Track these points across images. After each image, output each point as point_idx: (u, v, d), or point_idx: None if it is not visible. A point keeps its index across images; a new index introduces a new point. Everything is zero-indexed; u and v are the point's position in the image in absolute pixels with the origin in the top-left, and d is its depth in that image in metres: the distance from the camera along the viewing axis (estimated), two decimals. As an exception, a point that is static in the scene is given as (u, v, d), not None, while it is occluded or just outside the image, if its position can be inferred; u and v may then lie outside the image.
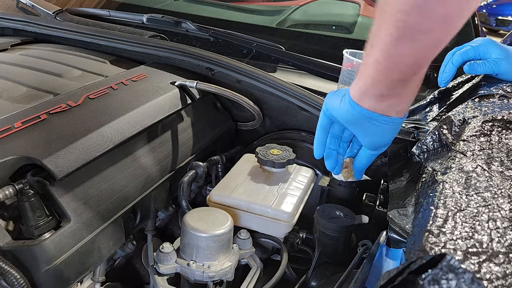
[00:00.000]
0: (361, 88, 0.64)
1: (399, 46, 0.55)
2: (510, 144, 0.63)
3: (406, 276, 0.37)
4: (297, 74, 1.14)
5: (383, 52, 0.56)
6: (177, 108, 0.96)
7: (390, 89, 0.61)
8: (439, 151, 0.71)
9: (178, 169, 0.92)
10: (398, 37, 0.54)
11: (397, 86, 0.61)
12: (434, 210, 0.49)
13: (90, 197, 0.69)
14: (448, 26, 0.53)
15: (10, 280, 0.56)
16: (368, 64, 0.60)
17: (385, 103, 0.64)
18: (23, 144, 0.65)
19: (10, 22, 1.29)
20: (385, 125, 0.66)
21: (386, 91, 0.62)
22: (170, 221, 1.02)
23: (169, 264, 0.75)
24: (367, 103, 0.64)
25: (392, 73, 0.59)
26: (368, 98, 0.64)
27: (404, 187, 0.72)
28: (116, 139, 0.77)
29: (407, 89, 0.63)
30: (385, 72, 0.59)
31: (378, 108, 0.64)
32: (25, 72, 0.95)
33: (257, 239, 0.86)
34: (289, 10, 1.47)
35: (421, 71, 0.61)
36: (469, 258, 0.40)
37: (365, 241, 0.75)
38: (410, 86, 0.62)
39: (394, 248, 0.60)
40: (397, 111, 0.65)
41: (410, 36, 0.53)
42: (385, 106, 0.64)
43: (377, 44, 0.57)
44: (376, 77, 0.60)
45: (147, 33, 1.19)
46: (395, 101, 0.64)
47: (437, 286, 0.34)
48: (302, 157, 1.02)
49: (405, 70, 0.58)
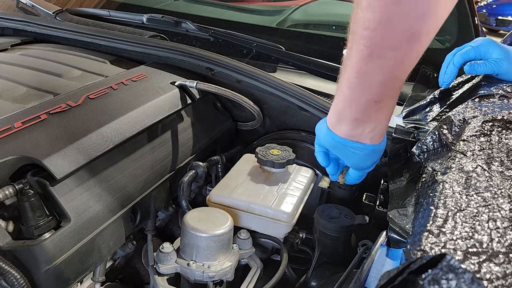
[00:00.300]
0: (336, 113, 0.65)
1: (368, 63, 0.56)
2: (510, 144, 0.63)
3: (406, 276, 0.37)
4: (297, 74, 1.14)
5: (354, 71, 0.57)
6: (177, 108, 0.96)
7: (363, 111, 0.62)
8: (439, 151, 0.71)
9: (178, 169, 0.92)
10: (368, 54, 0.55)
11: (371, 109, 0.62)
12: (434, 210, 0.49)
13: (90, 197, 0.69)
14: (414, 43, 0.53)
15: (10, 280, 0.56)
16: (342, 87, 0.61)
17: (359, 129, 0.65)
18: (23, 144, 0.65)
19: (10, 22, 1.29)
20: (360, 151, 0.68)
21: (359, 114, 0.63)
22: (170, 221, 1.02)
23: (169, 264, 0.75)
24: (343, 130, 0.66)
25: (364, 92, 0.60)
26: (343, 123, 0.65)
27: (404, 187, 0.72)
28: (116, 139, 0.77)
29: (380, 113, 0.63)
30: (357, 91, 0.60)
31: (352, 134, 0.65)
32: (25, 72, 0.95)
33: (257, 239, 0.86)
34: (289, 10, 1.47)
35: (392, 92, 0.61)
36: (469, 258, 0.40)
37: (365, 241, 0.75)
38: (383, 110, 0.63)
39: (394, 248, 0.60)
40: (371, 137, 0.66)
41: (378, 52, 0.54)
42: (359, 132, 0.65)
43: (348, 64, 0.58)
44: (349, 97, 0.61)
45: (147, 33, 1.19)
46: (369, 126, 0.64)
47: (437, 286, 0.34)
48: (302, 157, 1.02)
49: (375, 89, 0.59)
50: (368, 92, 0.59)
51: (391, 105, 0.64)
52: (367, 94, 0.60)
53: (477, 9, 1.43)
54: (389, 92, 0.60)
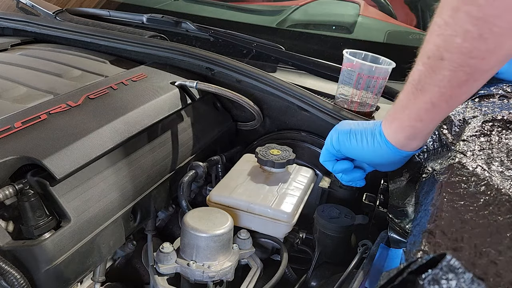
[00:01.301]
0: (409, 135, 0.64)
1: (462, 87, 0.54)
2: (510, 144, 0.63)
3: (406, 276, 0.37)
4: (297, 74, 1.14)
5: (443, 95, 0.55)
6: (177, 108, 0.96)
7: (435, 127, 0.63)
8: (439, 151, 0.71)
9: (178, 169, 0.92)
10: (464, 80, 0.53)
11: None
12: (434, 210, 0.49)
13: (90, 197, 0.69)
14: (504, 62, 0.53)
15: (10, 280, 0.56)
16: (419, 109, 0.59)
17: (423, 142, 0.66)
18: (23, 144, 0.65)
19: (10, 22, 1.29)
20: (407, 159, 0.68)
21: (432, 130, 0.64)
22: (170, 221, 1.02)
23: (169, 264, 0.75)
24: (410, 146, 0.65)
25: (448, 112, 0.60)
26: (415, 140, 0.64)
27: (404, 187, 0.72)
28: (116, 139, 0.77)
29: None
30: (442, 114, 0.59)
31: (414, 147, 0.66)
32: (25, 72, 0.95)
33: (257, 239, 0.86)
34: (289, 10, 1.47)
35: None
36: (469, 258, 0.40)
37: (365, 241, 0.75)
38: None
39: (394, 248, 0.60)
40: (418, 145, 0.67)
41: (476, 77, 0.53)
42: (422, 144, 0.66)
43: (432, 89, 0.56)
44: (432, 119, 0.60)
45: (147, 33, 1.19)
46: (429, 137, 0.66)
47: (437, 286, 0.34)
48: (302, 157, 1.02)
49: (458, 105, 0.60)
50: (450, 111, 0.60)
51: None
52: (448, 112, 0.60)
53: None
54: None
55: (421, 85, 0.56)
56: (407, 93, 0.59)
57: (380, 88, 0.93)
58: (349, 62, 0.92)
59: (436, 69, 0.53)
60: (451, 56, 0.51)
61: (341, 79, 0.95)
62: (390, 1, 1.54)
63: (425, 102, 0.57)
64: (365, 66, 0.90)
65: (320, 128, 1.06)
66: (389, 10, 1.54)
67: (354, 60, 0.90)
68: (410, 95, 0.58)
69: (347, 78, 0.93)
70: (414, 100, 0.58)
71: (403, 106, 0.61)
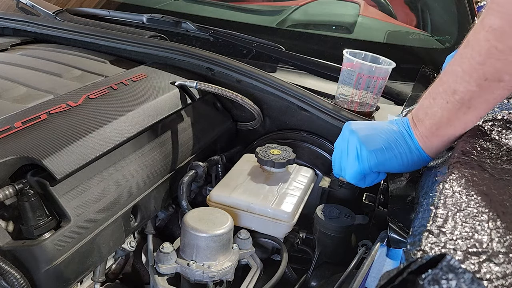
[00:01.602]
0: (447, 144, 0.65)
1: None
2: (510, 144, 0.63)
3: (406, 276, 0.37)
4: (297, 74, 1.14)
5: (488, 109, 0.59)
6: (177, 108, 0.96)
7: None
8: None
9: (178, 169, 0.92)
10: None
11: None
12: (434, 210, 0.49)
13: (90, 197, 0.69)
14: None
15: (10, 280, 0.56)
16: (466, 123, 0.61)
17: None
18: (23, 144, 0.65)
19: (10, 22, 1.28)
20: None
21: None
22: (170, 221, 1.02)
23: (169, 264, 0.75)
24: (436, 149, 0.66)
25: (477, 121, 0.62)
26: (442, 145, 0.65)
27: (404, 187, 0.72)
28: (116, 139, 0.77)
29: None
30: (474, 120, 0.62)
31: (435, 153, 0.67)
32: (25, 72, 0.95)
33: (257, 239, 0.86)
34: (289, 10, 1.47)
35: None
36: (469, 258, 0.40)
37: (365, 241, 0.75)
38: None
39: (394, 248, 0.60)
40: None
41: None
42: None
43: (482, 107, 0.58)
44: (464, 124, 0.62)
45: (147, 33, 1.19)
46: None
47: (437, 286, 0.34)
48: (302, 157, 1.02)
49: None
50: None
51: None
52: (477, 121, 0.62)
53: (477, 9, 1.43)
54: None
55: (472, 103, 0.58)
56: (452, 110, 0.60)
57: (380, 88, 0.93)
58: (349, 62, 0.92)
59: (493, 90, 0.55)
60: (510, 78, 0.54)
61: (341, 79, 0.95)
62: (390, 1, 1.54)
63: (473, 118, 0.60)
64: (365, 66, 0.90)
65: (320, 128, 1.06)
66: (389, 10, 1.54)
67: (354, 60, 0.90)
68: (457, 113, 0.60)
69: (347, 78, 0.93)
70: (461, 117, 0.60)
71: (447, 122, 0.61)
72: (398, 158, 0.66)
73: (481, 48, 0.54)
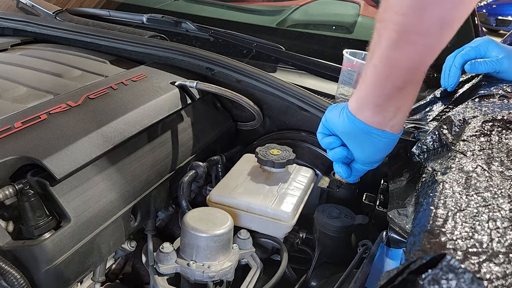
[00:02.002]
0: (359, 98, 0.65)
1: (396, 49, 0.56)
2: (510, 144, 0.63)
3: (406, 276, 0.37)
4: (297, 74, 1.14)
5: (381, 57, 0.58)
6: (177, 108, 0.96)
7: (387, 98, 0.62)
8: (439, 151, 0.71)
9: (178, 169, 0.92)
10: (396, 40, 0.55)
11: (395, 95, 0.62)
12: (434, 210, 0.49)
13: (90, 197, 0.69)
14: (445, 30, 0.54)
15: (10, 280, 0.56)
16: (367, 73, 0.61)
17: (380, 116, 0.65)
18: (23, 144, 0.65)
19: (10, 22, 1.29)
20: (378, 139, 0.67)
21: (383, 101, 0.63)
22: (170, 221, 1.02)
23: (169, 264, 0.75)
24: (364, 115, 0.65)
25: (389, 77, 0.60)
26: (365, 109, 0.65)
27: (404, 187, 0.72)
28: (116, 139, 0.77)
29: (403, 100, 0.64)
30: (382, 77, 0.60)
31: (374, 121, 0.65)
32: (25, 72, 0.95)
33: (257, 239, 0.86)
34: (289, 10, 1.47)
35: (417, 79, 0.62)
36: (469, 258, 0.40)
37: (365, 241, 0.75)
38: (406, 97, 0.63)
39: (394, 248, 0.60)
40: (391, 125, 0.66)
41: (407, 38, 0.55)
42: (380, 119, 0.65)
43: (376, 51, 0.58)
44: (374, 83, 0.62)
45: (147, 33, 1.19)
46: (391, 113, 0.65)
47: (437, 286, 0.34)
48: (302, 157, 1.02)
49: (401, 75, 0.59)
50: (394, 79, 0.60)
51: (415, 93, 0.64)
52: (392, 81, 0.60)
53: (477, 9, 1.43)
54: (414, 78, 0.61)
55: (371, 49, 0.59)
56: (366, 60, 0.62)
57: None
58: (349, 62, 0.92)
59: (381, 31, 0.57)
60: (385, 15, 0.55)
61: (341, 79, 0.95)
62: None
63: (371, 64, 0.60)
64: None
65: (320, 128, 1.06)
66: (389, 10, 1.53)
67: (354, 60, 0.90)
68: (367, 61, 0.61)
69: (347, 78, 0.93)
70: (366, 67, 0.61)
71: (361, 81, 0.64)
72: (336, 112, 0.70)
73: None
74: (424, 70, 0.60)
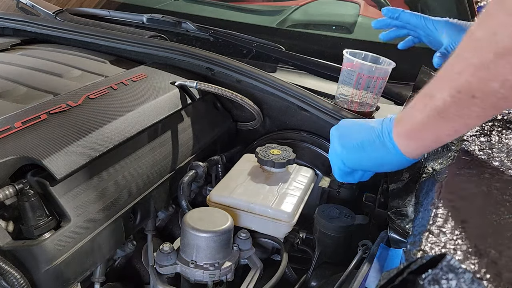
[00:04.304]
0: (425, 150, 0.62)
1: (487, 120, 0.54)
2: (510, 144, 0.63)
3: (406, 276, 0.37)
4: (297, 74, 1.14)
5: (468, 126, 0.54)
6: (177, 108, 0.96)
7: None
8: (439, 151, 0.71)
9: (178, 169, 0.92)
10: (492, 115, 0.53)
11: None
12: (434, 210, 0.49)
13: (90, 197, 0.69)
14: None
15: (10, 280, 0.56)
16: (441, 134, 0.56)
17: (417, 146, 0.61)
18: (23, 144, 0.65)
19: (10, 22, 1.28)
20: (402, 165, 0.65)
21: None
22: (170, 221, 1.02)
23: (169, 264, 0.75)
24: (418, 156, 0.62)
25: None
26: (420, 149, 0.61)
27: (404, 187, 0.72)
28: (116, 139, 0.77)
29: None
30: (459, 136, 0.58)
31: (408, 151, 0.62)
32: (25, 72, 0.95)
33: (257, 239, 0.86)
34: (289, 10, 1.47)
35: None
36: (469, 258, 0.40)
37: (365, 241, 0.75)
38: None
39: (394, 248, 0.60)
40: (417, 154, 0.63)
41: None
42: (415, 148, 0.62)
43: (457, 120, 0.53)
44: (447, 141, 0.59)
45: (147, 33, 1.19)
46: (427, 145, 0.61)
47: (437, 286, 0.34)
48: (302, 157, 1.02)
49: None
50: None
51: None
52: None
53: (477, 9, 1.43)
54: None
55: (446, 114, 0.54)
56: (428, 115, 0.55)
57: (380, 88, 0.93)
58: (349, 62, 0.92)
59: (466, 105, 0.51)
60: (484, 97, 0.49)
61: (341, 79, 0.95)
62: (390, 1, 1.54)
63: (448, 129, 0.55)
64: (365, 66, 0.90)
65: (320, 128, 1.06)
66: (389, 10, 1.53)
67: (354, 60, 0.90)
68: (431, 119, 0.55)
69: (347, 78, 0.93)
70: (435, 125, 0.56)
71: (422, 126, 0.57)
72: (372, 157, 0.65)
73: (461, 59, 0.51)
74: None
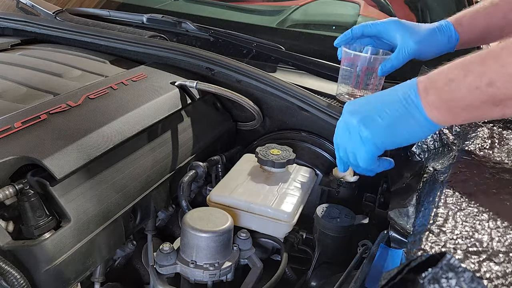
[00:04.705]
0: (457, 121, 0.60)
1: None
2: (510, 144, 0.63)
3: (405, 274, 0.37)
4: (297, 74, 1.14)
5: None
6: (177, 108, 0.96)
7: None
8: (440, 150, 0.71)
9: (178, 169, 0.92)
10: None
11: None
12: (434, 210, 0.49)
13: (90, 197, 0.69)
14: None
15: (10, 280, 0.56)
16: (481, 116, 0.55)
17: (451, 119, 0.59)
18: (23, 144, 0.65)
19: (10, 22, 1.28)
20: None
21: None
22: (170, 221, 1.02)
23: (169, 264, 0.75)
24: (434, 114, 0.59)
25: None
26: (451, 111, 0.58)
27: (405, 186, 0.72)
28: (116, 139, 0.77)
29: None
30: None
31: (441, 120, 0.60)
32: (25, 72, 0.95)
33: (257, 239, 0.86)
34: (289, 10, 1.47)
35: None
36: (469, 257, 0.40)
37: (365, 241, 0.75)
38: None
39: (394, 247, 0.60)
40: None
41: None
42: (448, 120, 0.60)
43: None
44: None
45: (147, 33, 1.19)
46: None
47: (437, 285, 0.34)
48: (302, 157, 1.02)
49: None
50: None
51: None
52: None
53: (477, 9, 1.42)
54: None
55: (503, 103, 0.51)
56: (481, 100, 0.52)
57: (380, 80, 0.93)
58: (347, 56, 0.92)
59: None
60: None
61: (341, 74, 0.95)
62: (390, 1, 1.54)
63: (497, 113, 0.53)
64: (363, 57, 0.90)
65: (320, 128, 1.06)
66: (389, 10, 1.53)
67: (352, 53, 0.91)
68: (482, 104, 0.52)
69: (346, 75, 0.93)
70: (485, 109, 0.53)
71: (466, 107, 0.54)
72: (404, 132, 0.61)
73: None
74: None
